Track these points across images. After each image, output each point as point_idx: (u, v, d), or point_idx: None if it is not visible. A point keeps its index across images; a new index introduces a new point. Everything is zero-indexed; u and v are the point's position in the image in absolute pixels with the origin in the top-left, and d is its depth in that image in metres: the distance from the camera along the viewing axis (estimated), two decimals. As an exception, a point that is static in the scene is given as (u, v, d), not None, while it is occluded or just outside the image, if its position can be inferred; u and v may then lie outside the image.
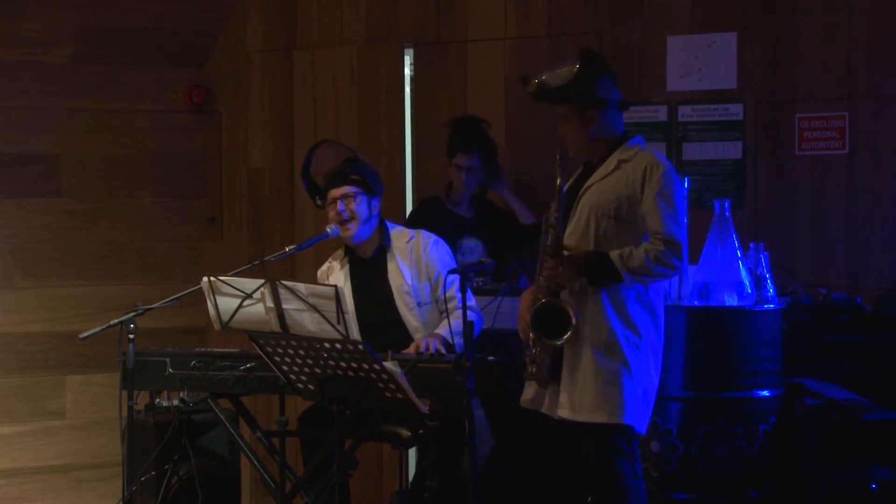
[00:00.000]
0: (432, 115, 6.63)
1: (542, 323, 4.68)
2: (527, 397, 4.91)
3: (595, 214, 4.73)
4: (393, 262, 5.44)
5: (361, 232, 5.42)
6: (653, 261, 4.60)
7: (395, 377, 4.49)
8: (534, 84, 4.81)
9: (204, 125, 7.02)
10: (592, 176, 4.82)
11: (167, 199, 6.95)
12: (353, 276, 5.49)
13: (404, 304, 5.39)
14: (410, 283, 5.39)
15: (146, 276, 6.85)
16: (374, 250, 5.47)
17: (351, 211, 5.36)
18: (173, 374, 5.34)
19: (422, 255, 5.42)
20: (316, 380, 4.60)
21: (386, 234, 5.47)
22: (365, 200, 5.38)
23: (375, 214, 5.43)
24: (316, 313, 4.97)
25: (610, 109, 4.80)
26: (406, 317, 5.39)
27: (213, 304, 5.17)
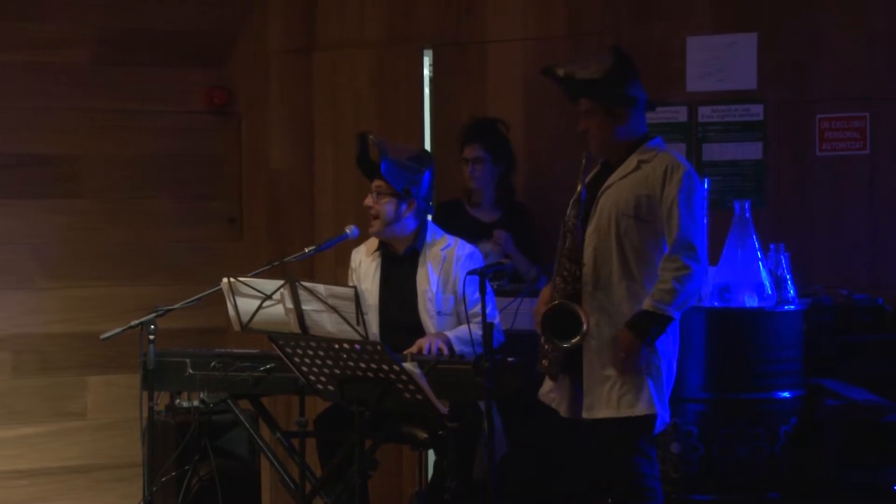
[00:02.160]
0: (451, 117, 6.61)
1: (553, 324, 4.67)
2: (544, 390, 4.93)
3: (616, 214, 4.73)
4: (423, 266, 5.42)
5: (384, 231, 5.40)
6: (680, 282, 4.60)
7: (415, 378, 4.49)
8: (561, 72, 4.78)
9: (224, 126, 7.01)
10: (612, 176, 4.81)
11: (187, 199, 6.94)
12: (384, 269, 5.48)
13: (426, 310, 5.38)
14: (435, 290, 5.38)
15: (166, 277, 6.84)
16: (407, 249, 5.45)
17: (376, 209, 5.36)
18: (193, 374, 5.34)
19: (452, 268, 5.40)
20: (335, 380, 4.60)
21: (422, 237, 5.43)
22: (392, 203, 5.34)
23: (408, 218, 5.38)
24: (335, 314, 4.98)
25: (638, 109, 4.81)
26: (426, 322, 5.38)
27: (232, 304, 5.18)
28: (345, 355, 4.50)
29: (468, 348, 5.16)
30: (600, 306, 4.74)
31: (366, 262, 5.52)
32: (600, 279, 4.75)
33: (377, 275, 5.47)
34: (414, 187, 5.34)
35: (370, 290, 5.44)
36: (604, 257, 4.76)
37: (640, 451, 4.70)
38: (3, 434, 6.66)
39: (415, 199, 5.35)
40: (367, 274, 5.49)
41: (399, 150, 5.41)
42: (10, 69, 6.65)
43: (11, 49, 6.64)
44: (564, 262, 4.73)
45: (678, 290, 4.61)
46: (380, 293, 5.44)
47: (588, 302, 4.74)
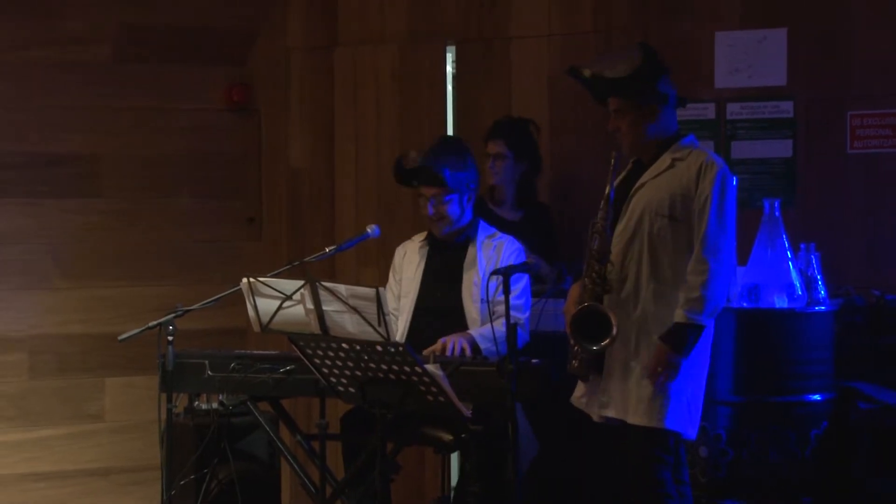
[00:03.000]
0: (475, 114, 6.61)
1: (583, 326, 4.65)
2: (577, 395, 4.91)
3: (648, 214, 4.72)
4: (473, 251, 5.48)
5: (454, 227, 5.49)
6: (707, 287, 4.58)
7: (437, 380, 4.48)
8: (587, 73, 4.75)
9: (244, 124, 7.01)
10: (644, 174, 4.80)
11: (206, 198, 6.94)
12: (430, 258, 5.55)
13: (470, 295, 5.42)
14: (482, 276, 5.42)
15: (185, 277, 6.84)
16: (459, 237, 5.53)
17: (441, 213, 5.43)
18: (212, 376, 5.34)
19: (500, 258, 5.45)
20: (357, 382, 4.60)
21: (475, 228, 5.53)
22: (456, 199, 5.44)
23: (468, 208, 5.48)
24: (356, 315, 4.97)
25: (668, 106, 4.79)
26: (468, 307, 5.41)
27: (252, 305, 5.18)
28: (366, 356, 4.50)
29: (493, 346, 5.15)
30: (626, 307, 4.73)
31: (412, 251, 5.59)
32: (627, 279, 4.74)
33: (423, 261, 5.54)
34: (467, 178, 5.44)
35: (412, 277, 5.49)
36: (632, 257, 4.75)
37: (657, 458, 4.69)
38: (21, 436, 6.67)
39: (472, 188, 5.47)
40: (412, 261, 5.55)
41: (440, 151, 5.46)
42: (27, 66, 6.66)
43: (29, 46, 6.65)
44: (593, 263, 4.72)
45: (707, 298, 4.59)
46: (423, 277, 5.49)
47: (615, 303, 4.73)
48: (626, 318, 4.70)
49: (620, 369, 4.74)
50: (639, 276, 4.72)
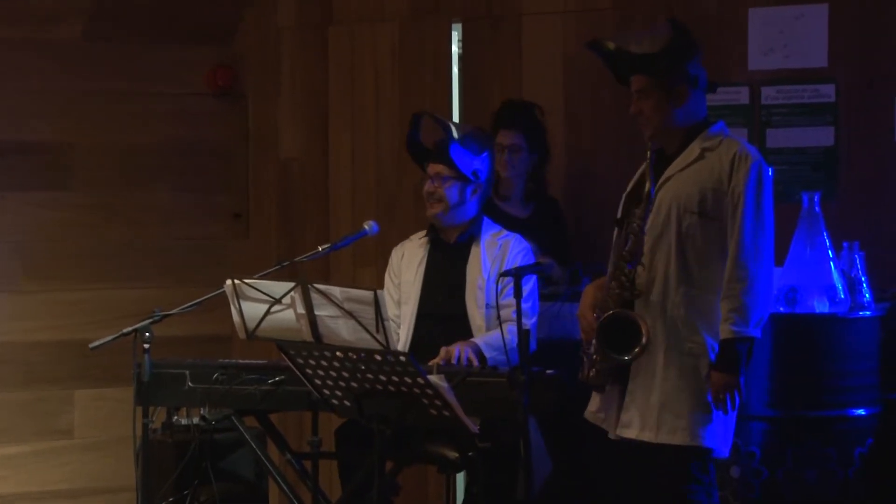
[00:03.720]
0: (482, 99, 6.61)
1: (609, 334, 4.65)
2: (591, 409, 4.91)
3: (677, 210, 4.72)
4: (477, 252, 5.49)
5: (446, 217, 5.48)
6: (749, 294, 4.58)
7: (442, 392, 4.48)
8: (611, 45, 4.74)
9: (229, 110, 7.03)
10: (671, 166, 4.79)
11: (188, 192, 6.96)
12: (431, 259, 5.55)
13: (474, 300, 5.43)
14: (487, 279, 5.43)
15: (164, 279, 6.86)
16: (461, 236, 5.53)
17: (440, 194, 5.43)
18: (193, 388, 5.34)
19: (506, 258, 5.46)
20: (353, 395, 4.59)
21: (478, 226, 5.53)
22: (457, 187, 5.44)
23: (472, 203, 5.48)
24: (352, 320, 4.97)
25: (698, 89, 4.79)
26: (472, 313, 5.43)
27: (237, 309, 5.18)
28: (363, 366, 4.49)
29: (502, 356, 5.16)
30: (654, 313, 4.72)
31: (410, 252, 5.59)
32: (654, 283, 4.74)
33: (423, 263, 5.54)
34: (479, 169, 5.44)
35: (412, 280, 5.51)
36: (660, 258, 4.74)
37: (694, 478, 4.69)
38: (-17, 454, 6.70)
39: (481, 182, 5.45)
40: (411, 263, 5.55)
41: (460, 129, 5.50)
42: (-10, 47, 6.69)
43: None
44: (623, 265, 4.71)
45: (751, 306, 4.59)
46: (423, 281, 5.50)
47: (641, 308, 4.72)
48: (653, 324, 4.70)
49: (645, 382, 4.74)
50: (667, 279, 4.72)
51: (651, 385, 4.72)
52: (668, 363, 4.70)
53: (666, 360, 4.70)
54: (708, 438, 4.67)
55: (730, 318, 4.60)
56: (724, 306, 4.62)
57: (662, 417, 4.69)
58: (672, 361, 4.70)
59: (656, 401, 4.70)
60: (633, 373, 4.75)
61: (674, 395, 4.69)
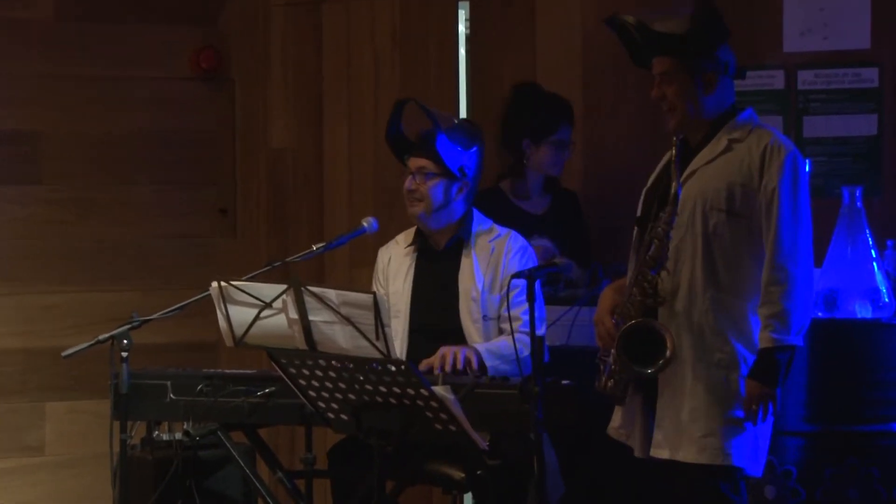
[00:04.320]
0: (492, 84, 6.61)
1: (631, 344, 4.66)
2: (614, 425, 4.92)
3: (702, 207, 4.72)
4: (468, 259, 5.45)
5: (431, 219, 5.44)
6: (789, 298, 4.58)
7: (447, 405, 4.48)
8: (632, 20, 4.75)
9: (214, 96, 7.04)
10: (695, 159, 4.79)
11: (169, 186, 6.97)
12: (419, 269, 5.52)
13: (468, 313, 5.41)
14: (481, 289, 5.41)
15: (144, 281, 6.87)
16: (449, 241, 5.49)
17: (422, 192, 5.39)
18: (176, 400, 5.34)
19: (501, 261, 5.42)
20: (350, 408, 4.60)
21: (467, 227, 5.48)
22: (442, 185, 5.39)
23: (457, 203, 5.43)
24: (349, 326, 4.97)
25: (727, 75, 4.78)
26: (468, 328, 5.40)
27: (224, 314, 5.17)
28: (362, 377, 4.49)
29: (507, 366, 5.16)
30: (680, 320, 4.73)
31: (397, 258, 5.56)
32: (679, 287, 4.74)
33: (410, 272, 5.51)
34: (467, 165, 5.40)
35: (400, 292, 5.49)
36: (685, 261, 4.74)
37: (725, 499, 4.69)
38: (-54, 473, 6.71)
39: (468, 180, 5.41)
40: (398, 272, 5.53)
41: (447, 120, 5.48)
42: (-48, 27, 6.70)
43: (-47, 3, 6.71)
44: (646, 271, 4.70)
45: (791, 311, 4.59)
46: (413, 294, 5.48)
47: (665, 317, 4.72)
48: (679, 333, 4.71)
49: (673, 398, 4.75)
50: (693, 284, 4.72)
51: (679, 401, 4.73)
52: (695, 377, 4.70)
53: (694, 374, 4.70)
54: (739, 456, 4.67)
55: (769, 326, 4.59)
56: (763, 313, 4.62)
57: (690, 435, 4.69)
58: (700, 375, 4.70)
59: (685, 417, 4.71)
60: (661, 388, 4.76)
61: (702, 411, 4.69)
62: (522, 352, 5.08)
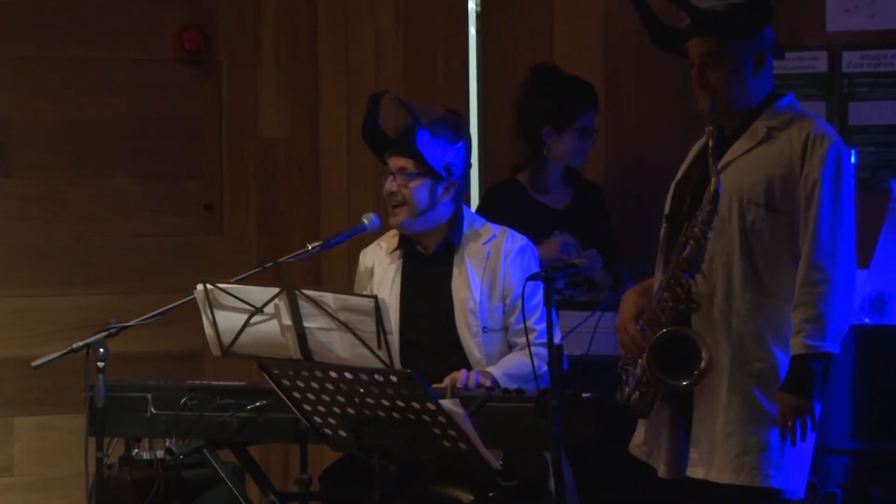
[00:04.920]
0: (505, 67, 6.63)
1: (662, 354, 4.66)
2: (637, 442, 4.91)
3: (739, 201, 4.71)
4: (461, 266, 5.43)
5: (415, 223, 5.41)
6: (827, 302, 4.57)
7: (457, 420, 4.47)
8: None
9: (199, 80, 7.04)
10: (731, 149, 4.79)
11: (151, 179, 6.98)
12: (406, 277, 5.50)
13: (466, 326, 5.39)
14: (478, 299, 5.38)
15: (122, 283, 6.87)
16: (439, 246, 5.46)
17: (403, 195, 5.36)
18: (157, 415, 5.33)
19: (500, 267, 5.40)
20: (349, 423, 4.60)
21: (458, 228, 5.45)
22: (426, 186, 5.36)
23: (444, 204, 5.40)
24: (348, 333, 4.96)
25: (770, 58, 4.78)
26: (467, 343, 5.39)
27: (210, 320, 5.17)
28: (362, 389, 4.49)
29: (527, 386, 5.13)
30: (716, 327, 4.73)
31: (381, 265, 5.54)
32: (715, 290, 4.74)
33: (396, 282, 5.49)
34: (453, 163, 5.37)
35: (387, 302, 5.38)
36: (721, 261, 4.74)
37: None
38: None
39: (454, 179, 5.38)
40: (383, 281, 5.50)
41: (428, 113, 5.44)
42: None
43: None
44: (679, 275, 4.71)
45: (828, 315, 4.57)
46: (401, 307, 5.45)
47: (700, 323, 4.73)
48: (714, 343, 4.70)
49: (710, 412, 4.74)
50: (730, 286, 4.72)
51: (714, 415, 4.73)
52: (732, 389, 4.70)
53: (730, 386, 4.70)
54: (778, 477, 4.66)
55: (803, 331, 4.58)
56: (796, 317, 4.61)
57: (725, 453, 4.69)
58: (736, 387, 4.69)
59: (719, 433, 4.71)
60: (697, 401, 4.76)
61: (738, 427, 4.68)
62: (541, 367, 5.05)
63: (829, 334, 4.57)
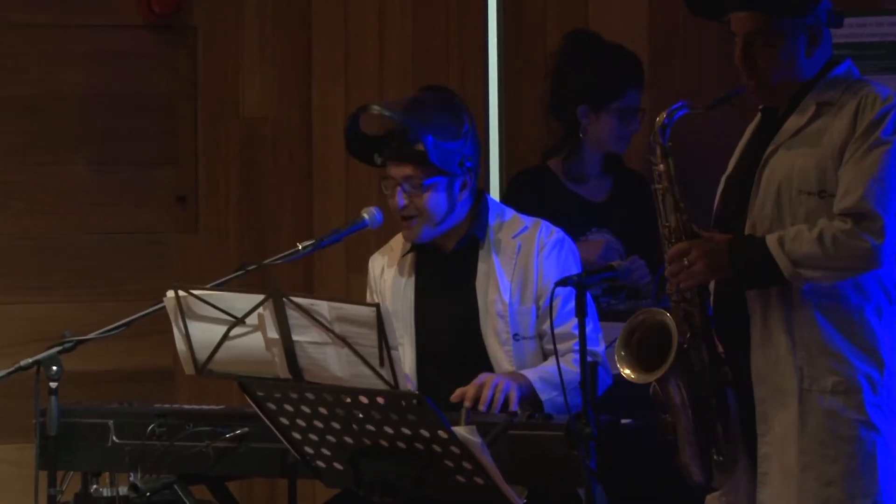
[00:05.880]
0: (533, 33, 6.68)
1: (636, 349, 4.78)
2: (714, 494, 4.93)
3: (788, 191, 4.77)
4: (487, 262, 5.46)
5: (435, 231, 5.45)
6: (830, 244, 4.60)
7: (473, 451, 4.47)
8: None
9: (171, 50, 7.06)
10: (781, 131, 4.83)
11: (113, 166, 7.00)
12: (423, 276, 5.54)
13: (493, 333, 5.42)
14: (508, 300, 5.41)
15: (80, 289, 6.90)
16: (460, 241, 5.50)
17: (418, 206, 5.39)
18: (120, 444, 5.33)
19: (532, 263, 5.43)
20: (346, 454, 4.61)
21: (481, 220, 5.49)
22: (442, 188, 5.40)
23: (463, 201, 5.44)
24: (346, 348, 4.98)
25: (829, 26, 4.81)
26: (494, 351, 5.43)
27: (182, 333, 5.19)
28: (361, 414, 4.50)
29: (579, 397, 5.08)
30: (777, 338, 4.77)
31: (392, 268, 5.58)
32: (771, 295, 4.79)
33: (410, 285, 5.52)
34: (466, 155, 5.40)
35: (401, 311, 5.49)
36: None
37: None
38: None
39: (470, 166, 5.42)
40: (396, 286, 5.54)
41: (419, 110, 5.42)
42: None
43: None
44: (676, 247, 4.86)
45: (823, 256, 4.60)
46: (417, 312, 5.49)
47: (758, 333, 4.79)
48: (774, 358, 4.75)
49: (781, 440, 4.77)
50: (788, 290, 4.76)
51: (785, 446, 4.76)
52: (805, 410, 4.74)
53: (802, 407, 4.75)
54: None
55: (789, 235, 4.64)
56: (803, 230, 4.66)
57: (805, 487, 4.73)
58: (811, 407, 4.73)
59: (792, 464, 4.74)
60: (761, 430, 4.79)
61: (818, 454, 4.72)
62: (604, 380, 5.15)
63: (798, 263, 4.61)
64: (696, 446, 4.81)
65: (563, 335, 5.18)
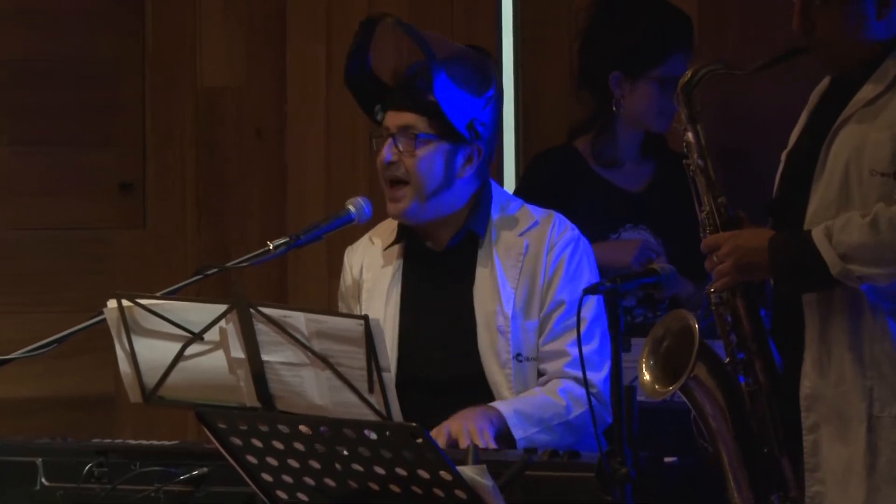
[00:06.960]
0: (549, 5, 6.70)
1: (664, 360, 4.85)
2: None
3: (858, 170, 4.83)
4: (487, 266, 5.50)
5: (424, 209, 5.48)
6: (886, 230, 4.67)
7: (483, 496, 4.44)
8: None
9: (115, 9, 7.11)
10: (852, 101, 4.90)
11: (45, 147, 7.05)
12: (410, 280, 5.56)
13: (492, 352, 5.46)
14: (511, 313, 5.42)
15: (4, 298, 6.93)
16: (455, 237, 5.50)
17: (408, 167, 5.39)
18: (50, 488, 5.32)
19: (540, 265, 5.45)
20: (327, 499, 4.57)
21: (482, 213, 5.54)
22: (441, 153, 5.44)
23: (464, 180, 5.48)
24: (327, 370, 4.96)
25: None
26: (493, 375, 5.46)
27: (127, 351, 5.18)
28: (346, 451, 4.46)
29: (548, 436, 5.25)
30: (840, 353, 4.83)
31: (373, 267, 5.62)
32: (834, 303, 4.86)
33: (395, 291, 5.57)
34: (480, 119, 5.41)
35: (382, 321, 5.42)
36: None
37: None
38: None
39: (481, 144, 5.40)
40: (375, 291, 5.60)
41: (445, 48, 5.48)
42: None
43: None
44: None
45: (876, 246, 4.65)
46: (402, 324, 5.51)
47: (814, 348, 4.86)
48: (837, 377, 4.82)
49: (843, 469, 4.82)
50: (854, 297, 4.83)
51: (847, 482, 4.82)
52: (875, 440, 4.80)
53: (872, 437, 4.80)
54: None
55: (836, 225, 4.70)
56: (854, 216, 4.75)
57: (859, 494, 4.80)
58: (884, 436, 4.79)
59: (860, 497, 4.78)
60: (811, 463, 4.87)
61: (889, 485, 4.77)
62: (571, 410, 5.16)
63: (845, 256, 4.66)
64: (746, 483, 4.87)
65: (552, 353, 5.26)
